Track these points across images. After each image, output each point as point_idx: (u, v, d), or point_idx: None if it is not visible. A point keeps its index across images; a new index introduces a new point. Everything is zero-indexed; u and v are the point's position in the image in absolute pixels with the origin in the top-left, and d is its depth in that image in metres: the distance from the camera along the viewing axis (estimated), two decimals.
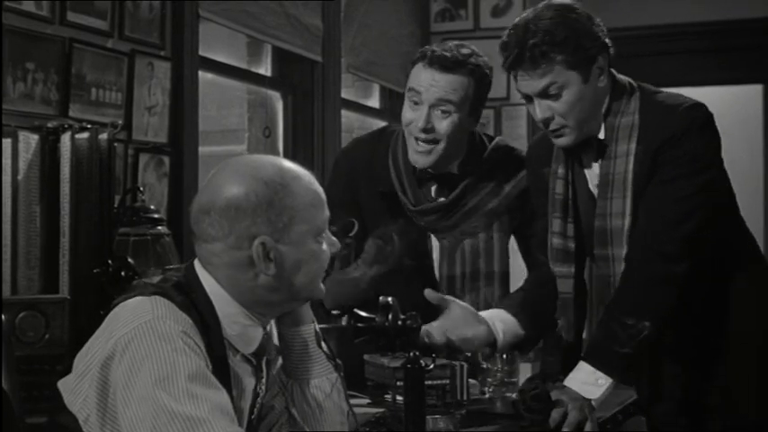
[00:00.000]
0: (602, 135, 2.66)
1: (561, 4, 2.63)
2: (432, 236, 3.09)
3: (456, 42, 3.00)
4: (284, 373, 2.10)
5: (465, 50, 2.96)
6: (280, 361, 2.11)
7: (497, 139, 3.16)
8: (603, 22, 2.69)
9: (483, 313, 2.84)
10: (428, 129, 2.92)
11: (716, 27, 6.26)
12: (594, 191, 2.69)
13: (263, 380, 2.04)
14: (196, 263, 1.98)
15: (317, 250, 1.96)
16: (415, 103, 2.94)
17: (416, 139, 2.95)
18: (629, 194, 2.60)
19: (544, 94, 2.59)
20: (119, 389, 1.79)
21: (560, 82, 2.57)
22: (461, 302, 2.84)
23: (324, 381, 2.10)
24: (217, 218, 1.91)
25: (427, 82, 2.91)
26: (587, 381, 2.54)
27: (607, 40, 2.64)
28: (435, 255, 3.10)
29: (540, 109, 2.61)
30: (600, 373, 2.53)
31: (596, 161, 2.68)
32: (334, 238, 2.03)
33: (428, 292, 2.77)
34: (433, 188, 3.06)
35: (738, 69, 6.53)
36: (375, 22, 5.51)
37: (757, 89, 7.02)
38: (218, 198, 1.91)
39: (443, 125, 2.93)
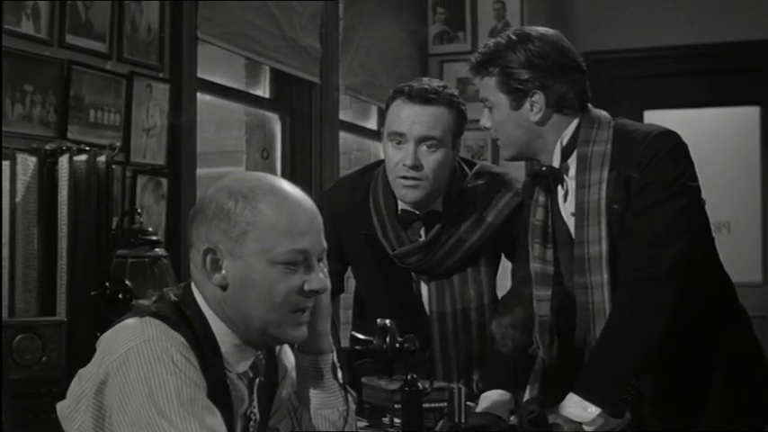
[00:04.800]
0: (573, 164, 2.68)
1: (531, 32, 2.69)
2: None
3: (426, 78, 3.02)
4: (297, 398, 2.09)
5: (439, 83, 2.98)
6: (287, 389, 2.10)
7: (479, 165, 3.14)
8: (600, 44, 2.72)
9: (485, 406, 2.76)
10: (417, 165, 2.90)
11: (713, 49, 6.28)
12: (569, 220, 2.70)
13: (255, 403, 2.02)
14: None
15: (272, 276, 1.88)
16: (399, 143, 2.92)
17: (404, 177, 2.92)
18: (603, 220, 2.61)
19: (484, 104, 2.72)
20: (113, 412, 1.79)
21: (492, 100, 2.69)
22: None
23: (334, 413, 2.06)
24: (192, 224, 1.94)
25: (410, 118, 2.90)
26: (576, 408, 2.54)
27: (559, 86, 2.65)
28: (425, 293, 3.08)
29: (484, 117, 2.74)
30: (587, 402, 2.53)
31: (561, 187, 2.71)
32: (316, 276, 1.92)
33: None
34: (422, 230, 3.03)
35: (735, 91, 6.54)
36: (373, 44, 5.52)
37: (754, 111, 7.02)
38: (196, 205, 1.95)
39: (430, 161, 2.91)
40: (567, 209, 2.71)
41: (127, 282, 2.96)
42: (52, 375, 2.69)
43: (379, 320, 2.44)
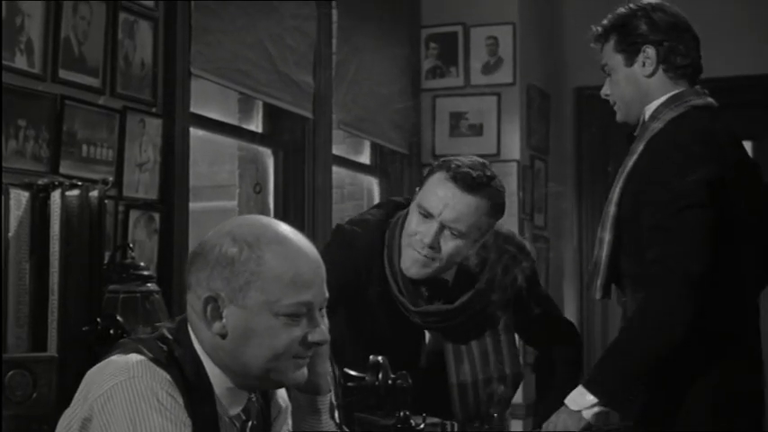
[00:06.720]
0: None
1: (655, 3, 2.87)
2: (426, 333, 3.02)
3: (479, 159, 2.90)
4: None
5: (489, 172, 2.87)
6: (281, 428, 2.08)
7: (502, 231, 3.05)
8: (594, 79, 2.88)
9: None
10: (434, 247, 2.82)
11: (707, 85, 6.29)
12: None
13: None
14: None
15: (274, 327, 1.86)
16: (425, 217, 2.83)
17: (418, 252, 2.85)
18: (620, 185, 2.76)
19: (604, 71, 2.91)
20: None
21: (610, 64, 2.87)
22: None
23: None
24: (191, 267, 1.91)
25: (444, 200, 2.80)
26: (576, 396, 2.62)
27: (671, 42, 2.82)
28: (427, 340, 3.03)
29: (605, 85, 2.93)
30: (587, 392, 2.59)
31: None
32: (319, 329, 1.90)
33: None
34: (423, 287, 2.95)
35: (729, 126, 6.55)
36: (366, 78, 5.53)
37: (746, 145, 7.05)
38: (196, 248, 1.91)
39: (450, 246, 2.83)
40: None
41: (118, 317, 2.95)
42: (43, 412, 2.68)
43: (371, 357, 2.43)
